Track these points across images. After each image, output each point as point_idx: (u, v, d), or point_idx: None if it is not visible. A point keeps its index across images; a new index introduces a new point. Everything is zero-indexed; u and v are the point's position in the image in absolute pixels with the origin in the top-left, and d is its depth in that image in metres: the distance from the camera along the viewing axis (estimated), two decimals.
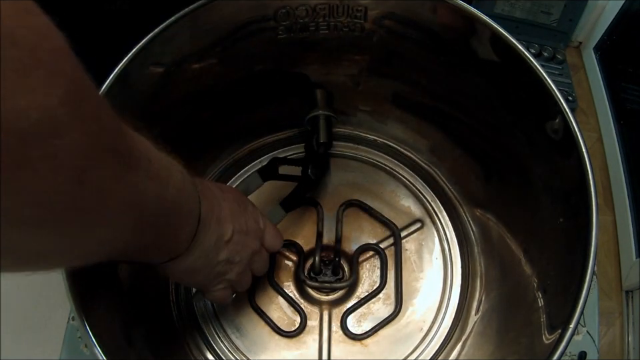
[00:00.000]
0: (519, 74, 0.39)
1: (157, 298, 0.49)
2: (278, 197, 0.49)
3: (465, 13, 0.40)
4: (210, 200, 0.33)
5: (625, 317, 0.65)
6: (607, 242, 0.71)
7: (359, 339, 0.49)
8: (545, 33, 0.82)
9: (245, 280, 0.41)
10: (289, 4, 0.43)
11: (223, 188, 0.38)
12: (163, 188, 0.26)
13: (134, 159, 0.23)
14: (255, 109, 0.54)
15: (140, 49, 0.39)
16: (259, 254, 0.41)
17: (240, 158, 0.57)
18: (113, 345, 0.35)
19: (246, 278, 0.41)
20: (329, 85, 0.52)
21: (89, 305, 0.33)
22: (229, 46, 0.44)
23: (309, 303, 0.51)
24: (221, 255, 0.35)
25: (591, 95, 0.83)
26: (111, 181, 0.21)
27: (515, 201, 0.47)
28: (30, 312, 0.53)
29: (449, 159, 0.55)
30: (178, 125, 0.48)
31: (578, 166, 0.35)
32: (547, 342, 0.34)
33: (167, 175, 0.27)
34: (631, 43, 0.77)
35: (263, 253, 0.41)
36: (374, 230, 0.54)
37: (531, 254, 0.43)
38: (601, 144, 0.78)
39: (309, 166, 0.50)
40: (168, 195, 0.27)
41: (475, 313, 0.49)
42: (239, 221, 0.37)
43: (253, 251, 0.39)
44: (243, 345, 0.49)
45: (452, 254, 0.53)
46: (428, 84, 0.49)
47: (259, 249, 0.40)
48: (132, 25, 0.38)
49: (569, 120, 0.36)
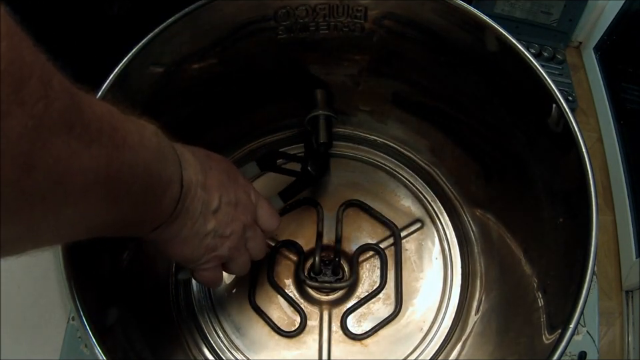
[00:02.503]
0: (519, 74, 0.39)
1: (156, 298, 0.49)
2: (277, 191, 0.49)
3: (464, 13, 0.40)
4: (194, 166, 0.32)
5: (625, 317, 0.65)
6: (606, 242, 0.71)
7: (359, 338, 0.49)
8: (545, 32, 0.82)
9: (241, 260, 0.39)
10: (289, 4, 0.43)
11: (211, 157, 0.36)
12: (133, 154, 0.24)
13: (94, 130, 0.21)
14: (255, 109, 0.54)
15: (140, 49, 0.39)
16: (253, 230, 0.39)
17: (240, 158, 0.57)
18: (113, 345, 0.35)
19: (242, 258, 0.39)
20: (329, 85, 0.52)
21: (88, 304, 0.33)
22: (229, 46, 0.44)
23: (309, 302, 0.51)
24: (208, 225, 0.33)
25: (591, 94, 0.83)
26: (68, 159, 0.19)
27: (515, 200, 0.47)
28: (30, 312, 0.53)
29: (449, 158, 0.55)
30: (178, 125, 0.47)
31: (578, 166, 0.35)
32: (547, 342, 0.34)
33: (137, 139, 0.25)
34: (631, 43, 0.77)
35: (258, 231, 0.39)
36: (374, 230, 0.54)
37: (530, 254, 0.43)
38: (601, 144, 0.78)
39: (309, 162, 0.50)
40: (141, 160, 0.25)
41: (475, 313, 0.49)
42: (227, 191, 0.35)
43: (244, 225, 0.37)
44: (242, 344, 0.49)
45: (452, 254, 0.53)
46: (428, 84, 0.49)
47: (251, 223, 0.38)
48: (129, 29, 0.38)
49: (568, 120, 0.36)
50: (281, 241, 0.52)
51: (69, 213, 0.21)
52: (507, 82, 0.42)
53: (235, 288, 0.51)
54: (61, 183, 0.20)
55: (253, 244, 0.39)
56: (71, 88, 0.20)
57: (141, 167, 0.25)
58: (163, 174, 0.28)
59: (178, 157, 0.30)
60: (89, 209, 0.23)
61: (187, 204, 0.31)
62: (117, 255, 0.42)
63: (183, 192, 0.30)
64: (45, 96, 0.18)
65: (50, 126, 0.18)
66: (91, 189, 0.22)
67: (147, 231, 0.30)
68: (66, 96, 0.19)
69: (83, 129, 0.20)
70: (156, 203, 0.28)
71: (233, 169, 0.38)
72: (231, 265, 0.39)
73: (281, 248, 0.53)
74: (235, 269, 0.39)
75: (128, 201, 0.25)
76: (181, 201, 0.30)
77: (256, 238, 0.39)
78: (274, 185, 0.52)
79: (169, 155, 0.29)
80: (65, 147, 0.19)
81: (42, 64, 0.18)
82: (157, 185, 0.28)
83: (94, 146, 0.21)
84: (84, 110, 0.21)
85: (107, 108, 0.24)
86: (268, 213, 0.40)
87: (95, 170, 0.21)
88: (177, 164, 0.30)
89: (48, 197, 0.19)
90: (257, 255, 0.40)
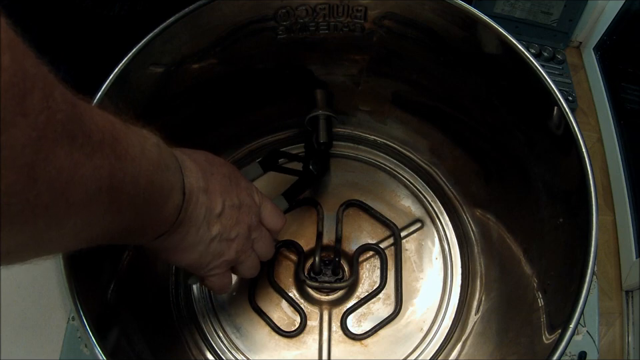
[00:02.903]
0: (518, 74, 0.39)
1: (157, 298, 0.49)
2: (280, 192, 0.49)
3: (464, 13, 0.40)
4: (195, 172, 0.32)
5: (625, 317, 0.65)
6: (606, 242, 0.71)
7: (358, 338, 0.49)
8: (545, 32, 0.82)
9: (250, 262, 0.39)
10: (289, 4, 0.43)
11: (213, 162, 0.36)
12: (134, 165, 0.25)
13: (95, 141, 0.21)
14: (255, 109, 0.54)
15: (140, 49, 0.39)
16: (259, 231, 0.38)
17: (240, 158, 0.57)
18: (113, 345, 0.35)
19: (250, 260, 0.39)
20: (329, 85, 0.52)
21: (89, 304, 0.33)
22: (229, 46, 0.44)
23: (309, 303, 0.51)
24: (213, 230, 0.33)
25: (591, 94, 0.83)
26: (71, 170, 0.20)
27: (515, 200, 0.47)
28: (30, 312, 0.53)
29: (449, 159, 0.55)
30: (178, 125, 0.48)
31: (578, 166, 0.35)
32: (547, 342, 0.34)
33: (139, 150, 0.25)
34: (631, 43, 0.77)
35: (264, 231, 0.39)
36: (374, 230, 0.54)
37: (530, 254, 0.43)
38: (601, 144, 0.79)
39: (310, 161, 0.50)
40: (143, 171, 0.25)
41: (475, 313, 0.49)
42: (230, 194, 0.35)
43: (249, 227, 0.37)
44: (242, 344, 0.49)
45: (452, 254, 0.53)
46: (428, 84, 0.49)
47: (256, 225, 0.38)
48: (129, 29, 0.38)
49: (568, 120, 0.36)
50: (281, 241, 0.52)
51: (72, 223, 0.21)
52: (506, 82, 0.42)
53: (235, 289, 0.51)
54: (64, 193, 0.20)
55: (260, 245, 0.39)
56: (72, 99, 0.20)
57: (143, 177, 0.26)
58: (165, 183, 0.28)
59: (179, 165, 0.31)
60: (91, 219, 0.23)
61: (189, 211, 0.31)
62: (117, 255, 0.42)
63: (185, 199, 0.30)
64: (47, 107, 0.18)
65: (53, 137, 0.18)
66: (94, 199, 0.22)
67: (150, 239, 0.30)
68: (68, 107, 0.19)
69: (85, 139, 0.20)
70: (158, 211, 0.29)
71: (235, 172, 0.38)
72: (240, 268, 0.39)
73: (281, 248, 0.53)
74: (245, 272, 0.39)
75: (130, 210, 0.25)
76: (184, 209, 0.31)
77: (262, 238, 0.39)
78: (274, 185, 0.52)
79: (171, 164, 0.30)
80: (67, 158, 0.19)
81: (44, 76, 0.18)
82: (158, 195, 0.28)
83: (96, 157, 0.21)
84: (86, 121, 0.21)
85: (109, 119, 0.24)
86: (272, 213, 0.40)
87: (97, 180, 0.21)
88: (178, 172, 0.30)
89: (51, 207, 0.19)
90: (265, 255, 0.40)
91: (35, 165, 0.18)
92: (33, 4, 0.40)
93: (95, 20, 0.44)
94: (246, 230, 0.37)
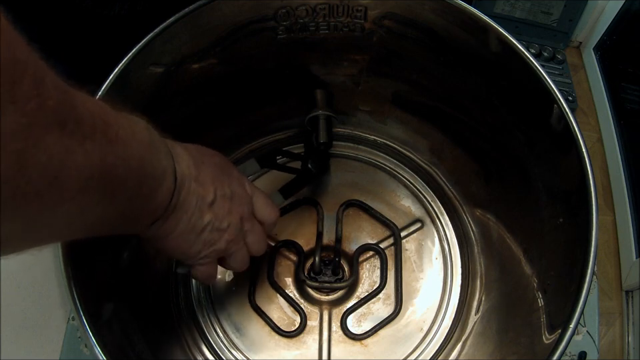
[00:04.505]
0: (519, 74, 0.39)
1: (156, 298, 0.49)
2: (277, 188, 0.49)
3: (464, 13, 0.40)
4: (186, 160, 0.32)
5: (625, 317, 0.65)
6: (606, 242, 0.71)
7: (358, 338, 0.49)
8: (545, 32, 0.82)
9: (240, 255, 0.38)
10: (289, 4, 0.43)
11: (204, 152, 0.36)
12: (126, 148, 0.25)
13: (87, 126, 0.21)
14: (255, 109, 0.54)
15: (140, 49, 0.39)
16: (251, 223, 0.38)
17: (240, 158, 0.57)
18: (113, 345, 0.35)
19: (240, 252, 0.38)
20: (329, 85, 0.52)
21: (88, 305, 0.33)
22: (229, 46, 0.44)
23: (309, 302, 0.51)
24: (205, 218, 0.33)
25: (591, 94, 0.83)
26: (62, 156, 0.20)
27: (515, 201, 0.47)
28: (30, 312, 0.53)
29: (449, 158, 0.55)
30: (178, 125, 0.48)
31: (578, 166, 0.35)
32: (547, 342, 0.34)
33: (129, 133, 0.25)
34: (631, 43, 0.77)
35: (256, 224, 0.39)
36: (374, 230, 0.54)
37: (530, 254, 0.43)
38: (601, 144, 0.79)
39: (309, 160, 0.50)
40: (134, 154, 0.25)
41: (475, 313, 0.49)
42: (222, 184, 0.35)
43: (241, 217, 0.37)
44: (242, 344, 0.49)
45: (452, 254, 0.53)
46: (428, 84, 0.49)
47: (248, 215, 0.38)
48: (129, 29, 0.38)
49: (568, 120, 0.36)
50: (281, 241, 0.52)
51: (65, 210, 0.22)
52: (507, 82, 0.42)
53: (235, 287, 0.51)
54: (56, 179, 0.20)
55: (252, 238, 0.39)
56: (63, 86, 0.20)
57: (135, 160, 0.26)
58: (157, 166, 0.29)
59: (170, 151, 0.31)
60: (85, 205, 0.23)
61: (181, 197, 0.31)
62: (117, 254, 0.42)
63: (177, 184, 0.30)
64: (37, 94, 0.18)
65: (43, 124, 0.18)
66: (87, 185, 0.22)
67: (144, 226, 0.30)
68: (58, 94, 0.19)
69: (75, 125, 0.20)
70: (151, 196, 0.29)
71: (226, 163, 0.38)
72: (230, 260, 0.38)
73: (280, 248, 0.53)
74: (234, 264, 0.39)
75: (123, 195, 0.25)
76: (176, 194, 0.30)
77: (254, 231, 0.39)
78: (275, 185, 0.52)
79: (161, 148, 0.30)
80: (58, 144, 0.19)
81: (35, 62, 0.18)
82: (151, 178, 0.28)
83: (87, 142, 0.21)
84: (76, 107, 0.21)
85: (99, 104, 0.24)
86: (265, 204, 0.40)
87: (89, 165, 0.22)
88: (169, 157, 0.30)
89: (44, 194, 0.19)
90: (256, 249, 0.40)
91: (25, 152, 0.18)
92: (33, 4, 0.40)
93: (95, 20, 0.44)
94: (238, 220, 0.36)
